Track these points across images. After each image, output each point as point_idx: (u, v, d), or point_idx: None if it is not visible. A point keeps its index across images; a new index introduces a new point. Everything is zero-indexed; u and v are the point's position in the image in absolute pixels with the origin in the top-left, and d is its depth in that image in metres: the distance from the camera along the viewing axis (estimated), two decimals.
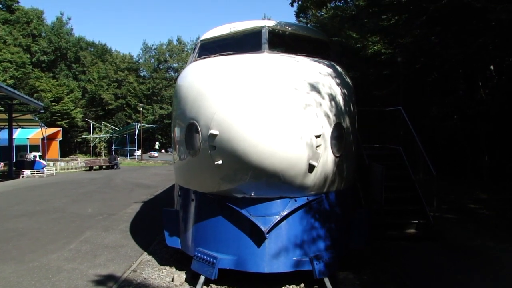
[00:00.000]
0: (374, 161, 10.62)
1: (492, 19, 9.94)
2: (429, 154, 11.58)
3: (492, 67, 18.57)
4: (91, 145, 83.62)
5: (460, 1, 12.81)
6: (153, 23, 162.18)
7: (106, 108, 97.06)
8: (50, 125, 68.54)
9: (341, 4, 16.08)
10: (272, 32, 8.60)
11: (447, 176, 18.58)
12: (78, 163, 56.99)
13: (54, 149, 63.94)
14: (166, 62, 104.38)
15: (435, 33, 16.17)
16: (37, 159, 43.30)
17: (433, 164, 10.73)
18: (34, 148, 52.30)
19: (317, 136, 6.41)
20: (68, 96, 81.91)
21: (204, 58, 8.61)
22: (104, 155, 76.15)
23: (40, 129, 50.40)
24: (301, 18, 23.09)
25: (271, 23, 9.07)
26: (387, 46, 15.94)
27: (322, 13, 19.12)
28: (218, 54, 8.44)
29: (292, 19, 24.56)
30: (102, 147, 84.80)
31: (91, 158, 70.66)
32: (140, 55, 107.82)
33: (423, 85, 21.42)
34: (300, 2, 11.97)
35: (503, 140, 19.03)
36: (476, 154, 19.74)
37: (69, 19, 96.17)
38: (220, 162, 6.38)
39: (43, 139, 52.68)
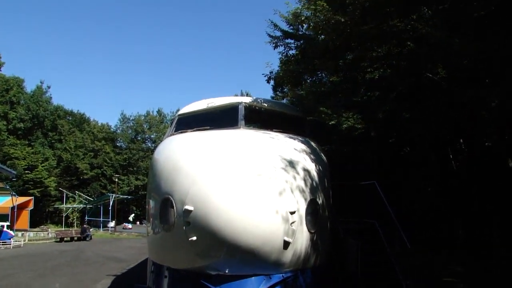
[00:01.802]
0: (350, 235, 10.60)
1: (454, 101, 10.47)
2: (405, 225, 11.63)
3: (461, 140, 19.12)
4: (64, 215, 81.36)
5: (429, 79, 13.46)
6: (132, 94, 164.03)
7: (81, 177, 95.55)
8: (21, 193, 66.75)
9: (315, 80, 16.65)
10: (249, 108, 8.83)
11: (424, 248, 18.52)
12: (48, 234, 55.12)
13: (24, 218, 61.93)
14: (144, 133, 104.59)
15: (405, 108, 16.74)
16: (5, 229, 41.71)
17: (409, 236, 10.75)
18: (2, 217, 50.40)
19: (292, 213, 6.43)
20: (43, 165, 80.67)
21: (181, 132, 8.74)
22: (77, 226, 73.93)
23: (10, 197, 49.04)
24: (278, 92, 23.76)
25: (247, 100, 9.34)
26: (360, 121, 16.41)
27: (298, 88, 19.76)
28: (195, 128, 8.58)
29: (270, 93, 25.33)
30: (74, 217, 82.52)
31: (63, 229, 68.44)
32: (118, 125, 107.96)
33: (397, 158, 21.85)
34: (275, 81, 12.46)
35: (477, 210, 19.23)
36: (450, 226, 19.86)
37: (49, 87, 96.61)
38: (194, 238, 6.30)
39: (13, 208, 51.12)
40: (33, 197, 66.66)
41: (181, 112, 9.94)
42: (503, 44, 7.97)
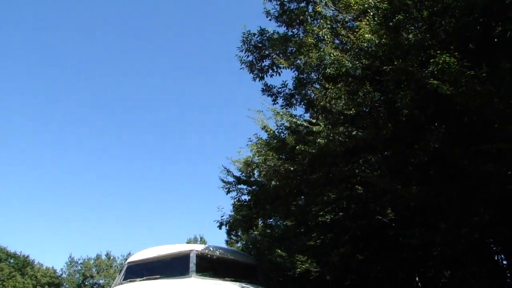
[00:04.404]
0: None
1: (405, 243, 10.76)
2: None
3: (416, 278, 19.10)
4: None
5: (379, 221, 13.85)
6: (81, 237, 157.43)
7: None
8: None
9: (269, 224, 16.81)
10: (200, 256, 8.74)
11: None
12: None
13: None
14: (92, 278, 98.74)
15: (359, 250, 16.89)
16: None
17: None
18: None
19: None
20: None
21: (130, 281, 8.45)
22: None
23: None
24: (232, 236, 23.79)
25: (199, 247, 9.28)
26: (315, 265, 16.38)
27: (252, 231, 19.82)
28: (145, 278, 8.32)
29: (224, 236, 25.36)
30: None
31: None
32: (64, 269, 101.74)
33: None
34: (227, 226, 12.56)
35: None
36: None
37: None
38: None
39: None
40: None
41: (130, 259, 9.69)
42: (439, 192, 8.53)
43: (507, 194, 7.96)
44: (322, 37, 9.96)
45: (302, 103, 12.12)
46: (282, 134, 11.59)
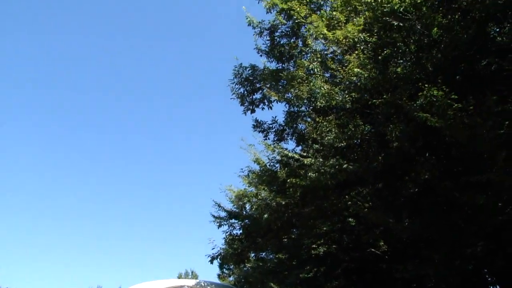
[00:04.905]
0: None
1: (398, 277, 10.65)
2: None
3: None
4: None
5: (372, 254, 13.73)
6: (71, 271, 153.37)
7: None
8: None
9: (261, 257, 16.61)
10: None
11: None
12: None
13: None
14: None
15: (352, 283, 16.66)
16: None
17: None
18: None
19: None
20: None
21: None
22: None
23: None
24: (224, 270, 23.39)
25: (190, 283, 9.15)
26: None
27: (244, 265, 19.53)
28: None
29: (216, 269, 24.97)
30: None
31: None
32: None
33: None
34: (219, 259, 12.35)
35: None
36: None
37: None
38: None
39: None
40: None
41: None
42: (430, 224, 8.50)
43: (498, 225, 7.96)
44: (312, 71, 10.05)
45: (293, 137, 12.15)
46: (273, 167, 11.57)
